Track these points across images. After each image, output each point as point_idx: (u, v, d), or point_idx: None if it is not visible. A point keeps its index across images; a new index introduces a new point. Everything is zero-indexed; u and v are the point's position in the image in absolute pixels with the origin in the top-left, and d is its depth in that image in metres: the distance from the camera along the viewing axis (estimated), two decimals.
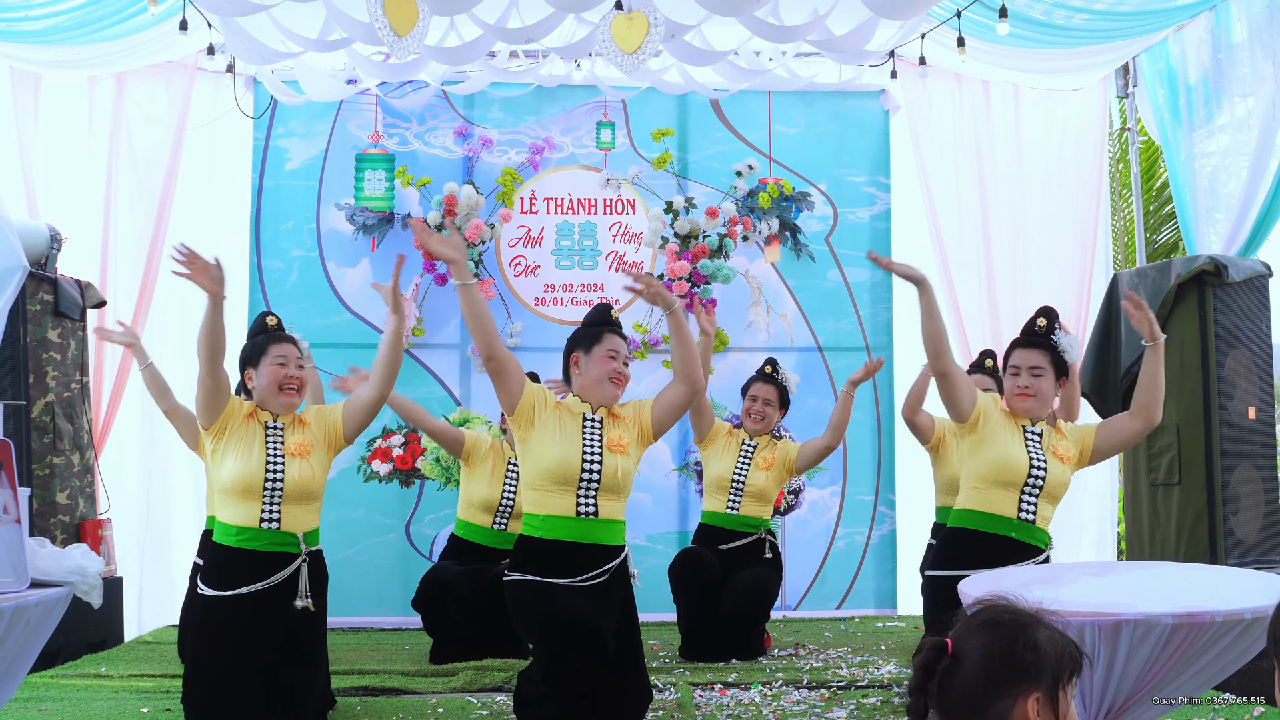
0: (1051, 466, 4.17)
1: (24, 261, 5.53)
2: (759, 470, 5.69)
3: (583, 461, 4.04)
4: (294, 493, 4.19)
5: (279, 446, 4.23)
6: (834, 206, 7.27)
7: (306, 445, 4.27)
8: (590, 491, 4.04)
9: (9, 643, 2.85)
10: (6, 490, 2.96)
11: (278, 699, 4.09)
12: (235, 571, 4.14)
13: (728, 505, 5.72)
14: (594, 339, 4.20)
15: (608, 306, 4.33)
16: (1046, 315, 4.33)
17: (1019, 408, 4.23)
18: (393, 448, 6.94)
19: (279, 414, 4.29)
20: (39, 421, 5.74)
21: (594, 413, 4.16)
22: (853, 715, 4.30)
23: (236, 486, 4.15)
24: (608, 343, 4.18)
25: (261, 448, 4.21)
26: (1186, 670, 2.66)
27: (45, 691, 4.81)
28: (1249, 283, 5.66)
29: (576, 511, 4.03)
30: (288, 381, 4.28)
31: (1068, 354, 4.27)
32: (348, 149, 7.09)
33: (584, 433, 4.10)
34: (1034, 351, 4.24)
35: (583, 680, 3.85)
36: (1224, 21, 5.93)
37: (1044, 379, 4.21)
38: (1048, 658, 1.80)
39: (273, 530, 4.16)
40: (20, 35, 5.85)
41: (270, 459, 4.19)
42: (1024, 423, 4.24)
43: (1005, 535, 4.13)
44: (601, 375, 4.15)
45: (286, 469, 4.19)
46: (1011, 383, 4.27)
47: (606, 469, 4.06)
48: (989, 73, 6.89)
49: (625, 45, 4.70)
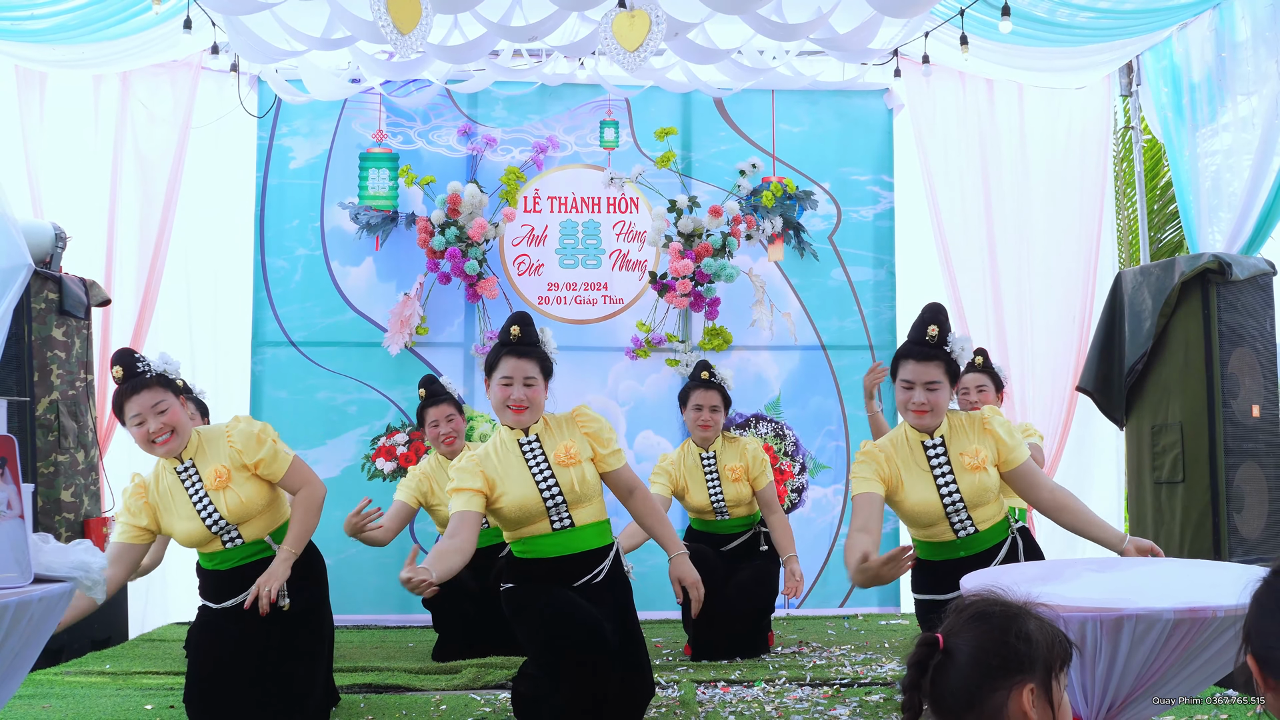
0: (963, 483, 3.99)
1: (29, 260, 5.53)
2: (731, 483, 5.69)
3: (540, 493, 4.00)
4: (237, 518, 4.19)
5: (198, 485, 4.17)
6: (837, 205, 7.27)
7: (223, 476, 4.17)
8: (560, 511, 4.03)
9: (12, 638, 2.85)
10: (9, 486, 2.96)
11: (278, 693, 4.10)
12: (221, 587, 4.22)
13: (716, 516, 5.77)
14: (491, 365, 4.10)
15: (513, 320, 4.13)
16: (937, 321, 4.07)
17: (915, 424, 4.03)
18: (396, 445, 6.95)
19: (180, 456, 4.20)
20: (43, 419, 5.75)
21: (526, 434, 4.09)
22: (855, 713, 4.30)
23: (193, 544, 4.20)
24: (502, 368, 4.05)
25: (185, 499, 4.17)
26: (1188, 666, 2.66)
27: (49, 688, 4.82)
28: (1253, 281, 5.65)
29: (553, 529, 4.03)
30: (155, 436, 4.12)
31: (960, 358, 4.06)
32: (352, 148, 7.10)
33: (528, 463, 4.03)
34: (928, 365, 4.00)
35: (583, 675, 3.85)
36: (1228, 20, 5.91)
37: (939, 392, 4.00)
38: (1039, 647, 1.81)
39: (239, 545, 4.21)
40: (25, 34, 5.86)
41: (198, 506, 4.15)
42: (923, 439, 4.06)
43: (956, 556, 4.04)
44: (498, 404, 4.06)
45: (216, 506, 4.15)
46: (905, 397, 4.03)
47: (564, 485, 4.01)
48: (992, 71, 6.88)
49: (627, 43, 4.69)
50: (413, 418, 6.97)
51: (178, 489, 4.18)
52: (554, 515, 4.02)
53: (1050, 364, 6.94)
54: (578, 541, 4.06)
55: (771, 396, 7.15)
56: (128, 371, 4.11)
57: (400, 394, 7.03)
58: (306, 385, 6.97)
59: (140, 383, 4.09)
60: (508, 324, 4.12)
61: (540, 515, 4.00)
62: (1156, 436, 5.66)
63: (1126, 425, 5.94)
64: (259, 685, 4.09)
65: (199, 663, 4.16)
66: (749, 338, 7.17)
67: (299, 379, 6.97)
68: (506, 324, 4.13)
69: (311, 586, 4.31)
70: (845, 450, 7.13)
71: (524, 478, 4.00)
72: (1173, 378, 5.58)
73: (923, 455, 4.04)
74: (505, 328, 4.12)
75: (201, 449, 4.22)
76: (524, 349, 4.07)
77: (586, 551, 4.06)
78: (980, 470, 3.98)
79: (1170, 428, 5.56)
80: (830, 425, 7.16)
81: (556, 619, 3.90)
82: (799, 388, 7.17)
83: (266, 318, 7.03)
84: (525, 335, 4.10)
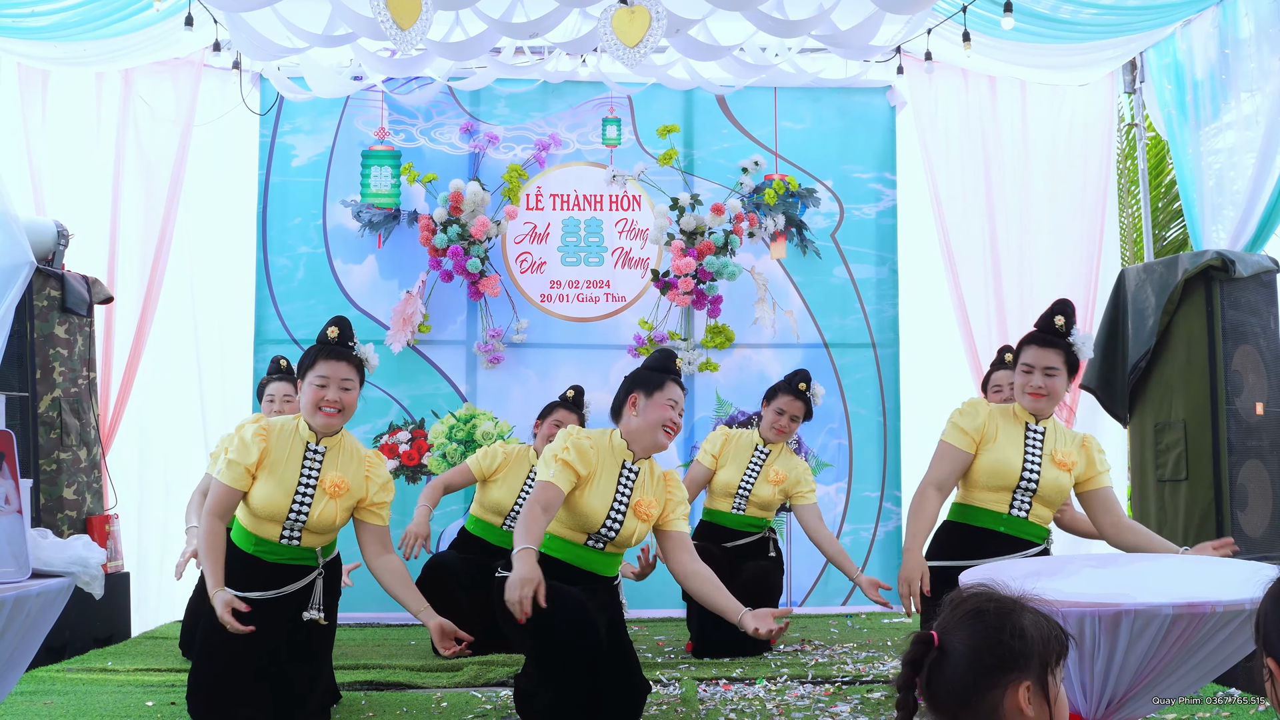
0: (1046, 472, 4.11)
1: (31, 257, 5.56)
2: (767, 483, 5.68)
3: (606, 518, 4.03)
4: (316, 528, 4.13)
5: (313, 477, 4.10)
6: (840, 202, 7.26)
7: (341, 485, 4.12)
8: (601, 542, 4.07)
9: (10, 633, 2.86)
10: (8, 481, 2.97)
11: (282, 692, 4.09)
12: (250, 577, 4.10)
13: (733, 507, 5.73)
14: (656, 384, 4.12)
15: (672, 354, 4.23)
16: (1064, 312, 4.22)
17: (1030, 406, 4.17)
18: (399, 443, 6.95)
19: (321, 436, 4.15)
20: (46, 417, 5.76)
21: (634, 462, 4.12)
22: (856, 710, 4.29)
23: (259, 511, 4.09)
24: (669, 390, 4.10)
25: (295, 475, 4.09)
26: (1188, 661, 2.65)
27: (51, 685, 4.82)
28: (1256, 278, 5.63)
29: (585, 544, 4.07)
30: (326, 404, 4.09)
31: (1081, 352, 4.19)
32: (354, 145, 7.10)
33: (618, 486, 4.06)
34: (1050, 351, 4.14)
35: (575, 663, 3.86)
36: (1231, 17, 5.90)
37: (1058, 379, 4.14)
38: (1035, 643, 1.79)
39: (293, 546, 4.13)
40: (27, 32, 5.87)
41: (300, 490, 4.08)
42: (1028, 419, 4.19)
43: (995, 530, 4.13)
44: (657, 422, 4.08)
45: (314, 506, 4.09)
46: (1024, 380, 4.18)
47: (624, 531, 4.05)
48: (995, 68, 6.87)
49: (627, 39, 4.69)
50: (414, 415, 6.98)
51: (295, 461, 4.11)
52: (593, 539, 4.07)
53: None
54: (596, 564, 4.11)
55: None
56: (342, 336, 4.16)
57: (403, 392, 7.03)
58: None
59: (344, 353, 4.13)
60: (667, 355, 4.20)
61: (588, 530, 4.05)
62: (1160, 434, 5.65)
63: (1130, 423, 5.93)
64: (264, 680, 4.08)
65: (212, 657, 4.09)
66: (751, 336, 7.16)
67: None
68: (664, 353, 4.20)
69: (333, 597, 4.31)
70: (848, 448, 7.12)
71: (608, 495, 4.04)
72: (1176, 375, 5.57)
73: (1022, 434, 4.17)
74: (667, 356, 4.20)
75: (341, 448, 4.18)
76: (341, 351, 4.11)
77: (597, 575, 4.11)
78: (1065, 470, 4.13)
79: (1174, 426, 5.55)
80: (833, 423, 7.15)
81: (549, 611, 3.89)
82: None
83: (269, 315, 7.03)
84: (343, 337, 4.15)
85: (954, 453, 4.15)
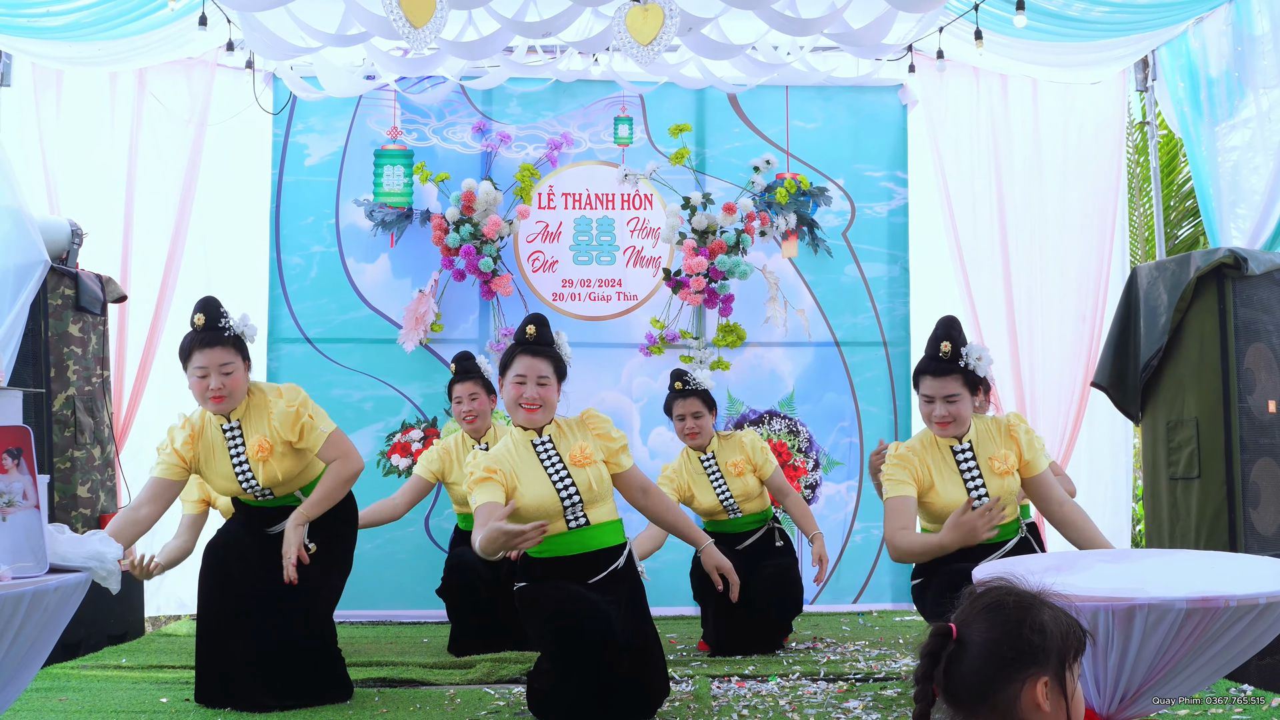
0: (991, 487, 4.12)
1: (45, 256, 5.58)
2: (736, 479, 5.66)
3: (557, 491, 4.04)
4: (272, 485, 4.33)
5: (240, 449, 4.30)
6: (851, 201, 7.26)
7: (264, 444, 4.26)
8: (577, 510, 4.07)
9: (28, 627, 2.87)
10: (25, 476, 2.98)
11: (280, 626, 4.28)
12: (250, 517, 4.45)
13: (729, 515, 5.75)
14: (505, 363, 4.14)
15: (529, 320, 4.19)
16: (950, 336, 4.20)
17: (940, 434, 4.19)
18: (411, 442, 6.96)
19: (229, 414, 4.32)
20: (60, 415, 5.79)
21: (540, 435, 4.13)
22: (869, 707, 4.29)
23: (227, 498, 4.42)
24: (515, 366, 4.10)
25: (225, 456, 4.31)
26: (1201, 656, 2.65)
27: (66, 681, 4.85)
28: (1269, 276, 5.62)
29: (569, 527, 4.06)
30: (212, 393, 4.23)
31: (979, 368, 4.17)
32: (366, 145, 7.12)
33: (542, 463, 4.07)
34: (946, 380, 4.14)
35: (592, 667, 3.87)
36: (1244, 14, 5.89)
37: (960, 403, 4.14)
38: (1054, 639, 1.79)
39: (270, 498, 4.38)
40: (41, 32, 5.90)
41: (237, 466, 4.29)
42: (951, 443, 4.19)
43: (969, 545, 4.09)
44: (512, 404, 4.10)
45: (256, 473, 4.29)
46: (927, 410, 4.19)
47: (580, 485, 4.05)
48: (1007, 66, 6.87)
49: (640, 37, 4.70)
50: (427, 414, 7.00)
51: (220, 446, 4.30)
52: (570, 515, 4.06)
53: (1062, 360, 6.93)
54: (593, 539, 4.10)
55: (785, 393, 7.14)
56: (209, 322, 4.25)
57: (415, 390, 7.05)
58: (322, 382, 6.98)
59: (216, 338, 4.23)
60: (523, 323, 4.18)
61: (557, 514, 4.04)
62: (1172, 432, 5.64)
63: (1142, 421, 5.92)
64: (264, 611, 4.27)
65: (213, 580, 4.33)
66: (763, 334, 7.16)
67: (314, 375, 6.98)
68: (522, 323, 4.19)
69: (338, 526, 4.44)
70: (859, 446, 7.12)
71: (540, 477, 4.05)
72: (1188, 373, 5.56)
73: (952, 459, 4.18)
74: (521, 327, 4.18)
75: (250, 414, 4.34)
76: (538, 347, 4.12)
77: (601, 549, 4.10)
78: (1009, 475, 4.14)
79: (1186, 423, 5.54)
80: (844, 421, 7.15)
81: (565, 612, 3.93)
82: (813, 384, 7.16)
83: (282, 314, 7.05)
84: (540, 335, 4.15)
85: (902, 502, 4.12)
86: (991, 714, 1.78)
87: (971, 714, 1.79)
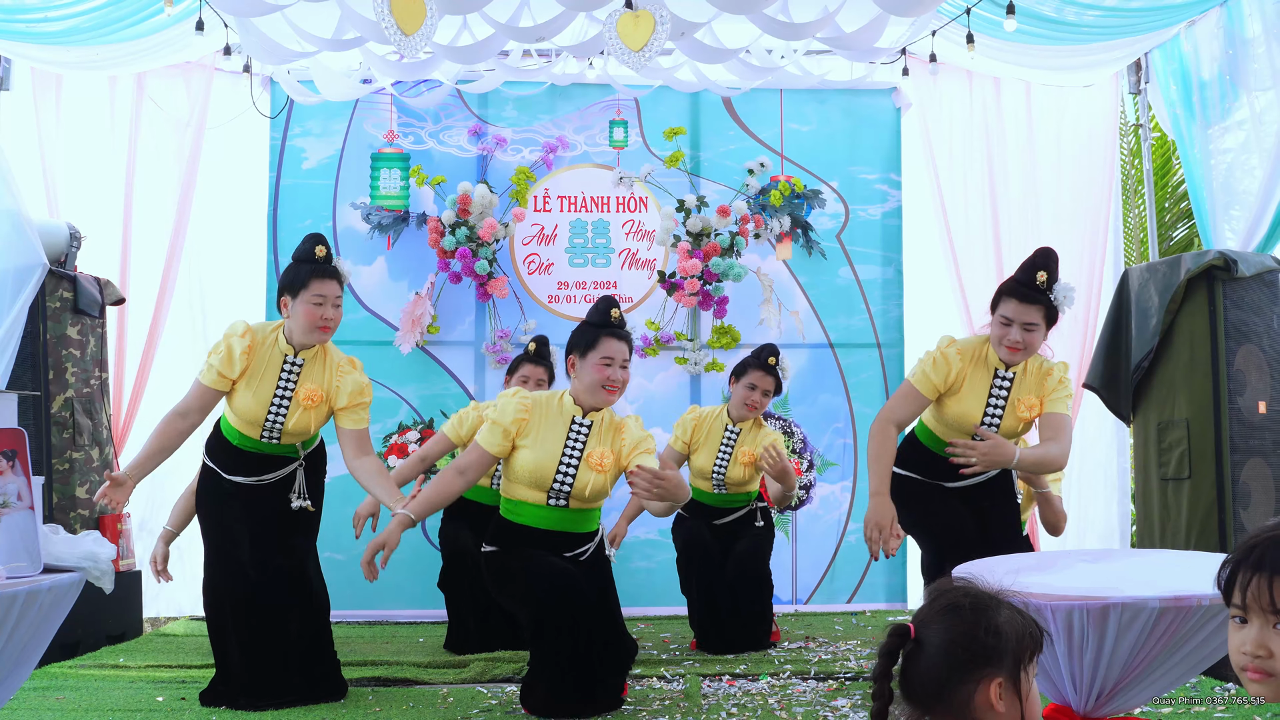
0: (1006, 422, 4.23)
1: (44, 259, 5.63)
2: (739, 465, 5.69)
3: (557, 471, 4.08)
4: (292, 433, 4.36)
5: (289, 388, 4.31)
6: (845, 204, 7.30)
7: (316, 395, 4.31)
8: (561, 496, 4.12)
9: (23, 626, 2.92)
10: (20, 478, 3.03)
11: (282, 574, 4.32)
12: (236, 463, 4.37)
13: (713, 488, 5.75)
14: (589, 343, 4.15)
15: (609, 303, 4.24)
16: (1047, 267, 4.23)
17: (1005, 358, 4.22)
18: (408, 443, 7.00)
19: (301, 349, 4.34)
20: (58, 417, 5.83)
21: (584, 417, 4.16)
22: (857, 705, 4.33)
23: (240, 418, 4.31)
24: (603, 348, 4.12)
25: (272, 386, 4.30)
26: (1176, 654, 2.69)
27: (63, 681, 4.89)
28: (1259, 278, 5.64)
29: (546, 504, 4.14)
30: (322, 325, 4.30)
31: (1062, 305, 4.23)
32: (363, 148, 7.16)
33: (567, 439, 4.11)
34: (1030, 307, 4.17)
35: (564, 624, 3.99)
36: (1236, 17, 5.92)
37: (1036, 333, 4.21)
38: (1009, 640, 1.81)
39: (271, 444, 4.38)
40: (40, 36, 5.94)
41: (276, 401, 4.29)
42: (998, 366, 4.24)
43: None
44: (594, 384, 4.12)
45: (289, 415, 4.31)
46: (1001, 332, 4.19)
47: (578, 483, 4.11)
48: (1000, 69, 6.90)
49: (631, 43, 4.74)
50: (424, 415, 7.03)
51: (273, 373, 4.31)
52: (552, 497, 4.13)
53: None
54: (566, 522, 4.17)
55: (779, 394, 7.17)
56: (329, 255, 4.33)
57: (412, 392, 7.09)
58: None
59: (335, 272, 4.33)
60: (605, 305, 4.22)
61: (542, 487, 4.09)
62: (1163, 433, 5.67)
63: (1133, 422, 5.95)
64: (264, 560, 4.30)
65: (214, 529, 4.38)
66: (757, 336, 7.18)
67: None
68: (604, 305, 4.22)
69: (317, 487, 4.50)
70: (853, 447, 7.15)
71: (552, 452, 4.10)
72: (1179, 374, 5.59)
73: (989, 380, 4.25)
74: (603, 310, 4.21)
75: (316, 361, 4.37)
76: (623, 333, 4.20)
77: (573, 534, 4.19)
78: (1025, 421, 4.25)
79: (1176, 424, 5.58)
80: (838, 423, 7.19)
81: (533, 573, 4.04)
82: (807, 386, 7.20)
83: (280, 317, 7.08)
84: (623, 319, 4.24)
85: (918, 397, 4.24)
86: (947, 713, 1.81)
87: (928, 712, 1.83)
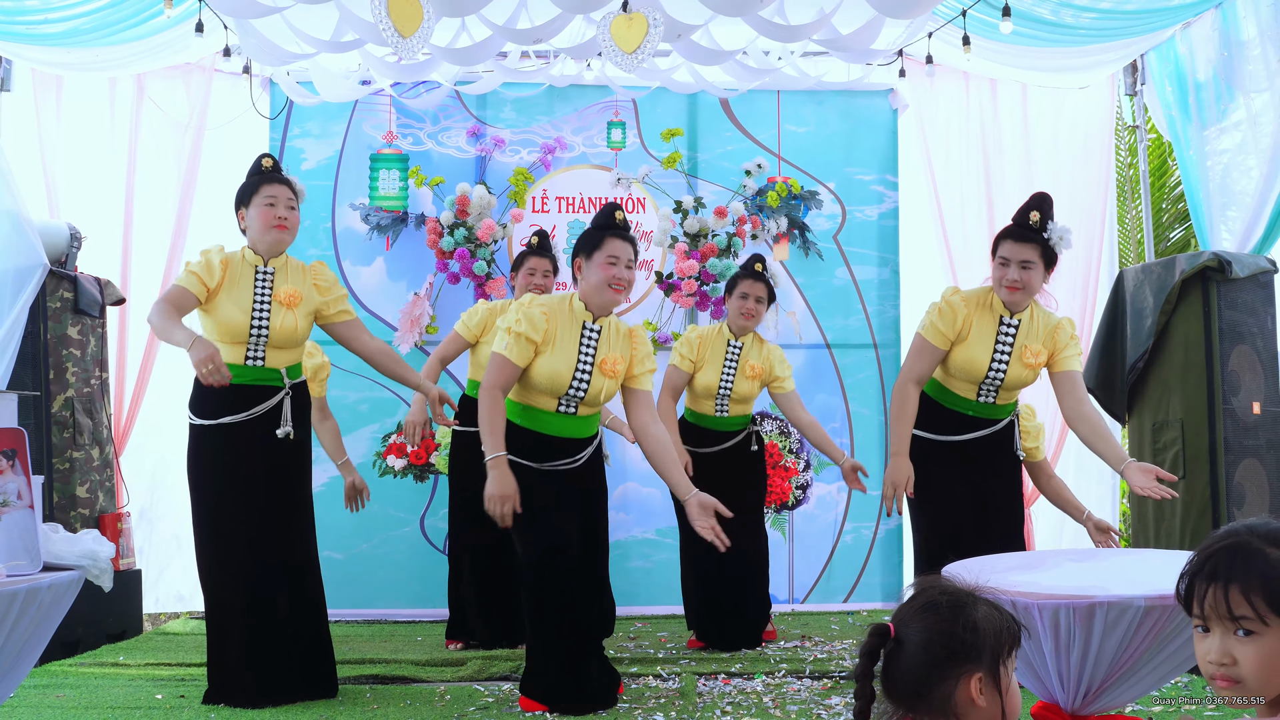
0: (1012, 370, 4.36)
1: (44, 260, 5.67)
2: (745, 379, 5.69)
3: (572, 379, 4.17)
4: (278, 341, 4.40)
5: (267, 293, 4.38)
6: (842, 205, 7.32)
7: (295, 296, 4.41)
8: (572, 403, 4.23)
9: (22, 624, 2.94)
10: (19, 477, 3.06)
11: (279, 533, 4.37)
12: (221, 402, 4.34)
13: (716, 409, 5.73)
14: (595, 244, 4.23)
15: (614, 207, 4.31)
16: (1040, 207, 4.39)
17: (1006, 299, 4.37)
18: (406, 443, 7.03)
19: (268, 257, 4.43)
20: (59, 416, 5.86)
21: (594, 322, 4.24)
22: (850, 703, 4.35)
23: (223, 334, 4.34)
24: (608, 247, 4.19)
25: (249, 293, 4.37)
26: (1163, 651, 2.71)
27: (63, 679, 4.92)
28: (1254, 279, 5.68)
29: (557, 410, 4.22)
30: (278, 223, 4.40)
31: (1059, 246, 4.37)
32: (362, 149, 7.19)
33: (581, 346, 4.20)
34: (1025, 246, 4.33)
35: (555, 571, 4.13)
36: (1231, 19, 5.94)
37: (1033, 272, 4.34)
38: (987, 636, 1.84)
39: (258, 367, 4.39)
40: (41, 38, 5.97)
41: (257, 305, 4.36)
42: (1003, 313, 4.36)
43: (964, 412, 4.47)
44: (601, 282, 4.19)
45: (273, 317, 4.37)
46: (1000, 273, 4.36)
47: (592, 389, 4.21)
48: (996, 71, 6.93)
49: (625, 45, 4.77)
50: None
51: (247, 284, 4.37)
52: (564, 403, 4.21)
53: None
54: (573, 428, 4.26)
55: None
56: (277, 165, 4.53)
57: (410, 391, 7.09)
58: None
59: (285, 179, 4.49)
60: (609, 209, 4.30)
61: (556, 394, 4.17)
62: (1157, 433, 5.70)
63: (1128, 422, 5.98)
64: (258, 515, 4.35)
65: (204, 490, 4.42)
66: None
67: None
68: (608, 209, 4.30)
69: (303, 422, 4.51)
70: (849, 448, 7.17)
71: (568, 359, 4.17)
72: (1174, 375, 5.62)
73: (995, 327, 4.39)
74: (608, 213, 4.29)
75: (287, 269, 4.46)
76: (627, 235, 4.27)
77: (577, 439, 4.27)
78: (1032, 369, 4.42)
79: (1171, 425, 5.60)
80: (835, 423, 7.21)
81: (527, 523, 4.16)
82: (804, 386, 7.18)
83: None
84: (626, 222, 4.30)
85: (931, 349, 4.40)
86: (929, 710, 1.84)
87: (910, 710, 1.85)
